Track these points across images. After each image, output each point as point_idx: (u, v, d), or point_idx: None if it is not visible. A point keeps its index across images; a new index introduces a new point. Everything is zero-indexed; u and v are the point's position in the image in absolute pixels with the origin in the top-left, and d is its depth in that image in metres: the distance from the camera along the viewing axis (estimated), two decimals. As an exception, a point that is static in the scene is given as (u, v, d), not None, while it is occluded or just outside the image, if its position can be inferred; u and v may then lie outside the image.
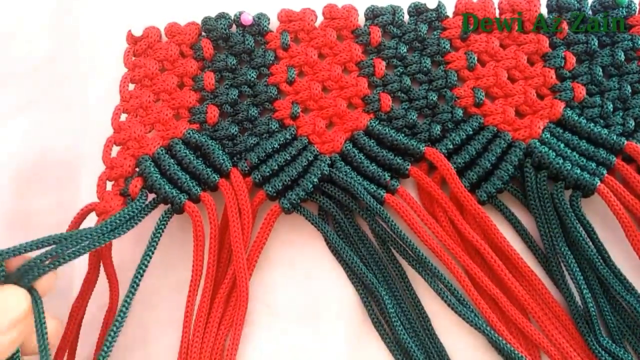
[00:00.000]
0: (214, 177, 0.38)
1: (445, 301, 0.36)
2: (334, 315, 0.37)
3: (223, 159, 0.38)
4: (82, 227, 0.37)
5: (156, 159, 0.38)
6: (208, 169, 0.38)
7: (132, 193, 0.37)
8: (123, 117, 0.40)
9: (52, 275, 0.32)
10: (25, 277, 0.31)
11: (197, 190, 0.37)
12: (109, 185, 0.38)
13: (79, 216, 0.37)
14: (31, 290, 0.31)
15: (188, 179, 0.38)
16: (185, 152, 0.38)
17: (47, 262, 0.32)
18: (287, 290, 0.38)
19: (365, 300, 0.37)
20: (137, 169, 0.38)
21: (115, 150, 0.39)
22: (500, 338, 0.35)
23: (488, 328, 0.35)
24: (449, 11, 0.40)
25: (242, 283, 0.36)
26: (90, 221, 0.37)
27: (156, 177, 0.37)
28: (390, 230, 0.36)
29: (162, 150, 0.38)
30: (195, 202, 0.37)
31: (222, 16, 0.40)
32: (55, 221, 0.38)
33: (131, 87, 0.41)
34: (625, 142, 0.36)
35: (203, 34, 0.41)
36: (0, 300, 0.30)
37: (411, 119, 0.38)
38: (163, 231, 0.36)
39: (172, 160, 0.38)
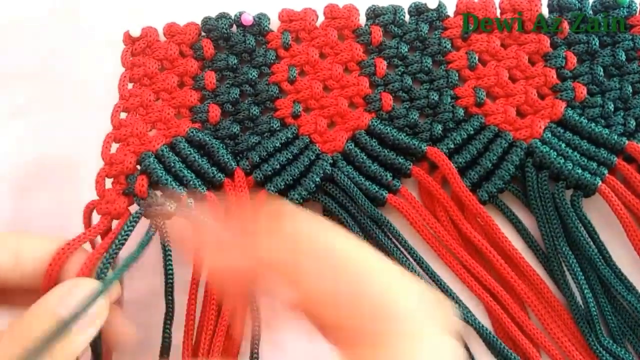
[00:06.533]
0: (219, 176, 0.38)
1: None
2: None
3: (227, 158, 0.38)
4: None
5: (160, 156, 0.38)
6: (213, 168, 0.38)
7: (138, 192, 0.36)
8: (122, 115, 0.40)
9: None
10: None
11: (202, 189, 0.37)
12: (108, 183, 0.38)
13: (86, 216, 0.37)
14: None
15: (194, 177, 0.37)
16: (190, 151, 0.38)
17: None
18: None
19: None
20: (138, 166, 0.38)
21: (114, 147, 0.39)
22: (498, 340, 0.35)
23: (487, 329, 0.35)
24: (450, 11, 0.39)
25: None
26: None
27: (161, 173, 0.37)
28: (390, 234, 0.37)
29: (165, 148, 0.38)
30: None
31: (222, 16, 0.40)
32: (55, 222, 0.38)
33: (130, 86, 0.40)
34: (626, 142, 0.36)
35: (203, 34, 0.40)
36: None
37: (412, 118, 0.38)
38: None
39: (176, 158, 0.38)
